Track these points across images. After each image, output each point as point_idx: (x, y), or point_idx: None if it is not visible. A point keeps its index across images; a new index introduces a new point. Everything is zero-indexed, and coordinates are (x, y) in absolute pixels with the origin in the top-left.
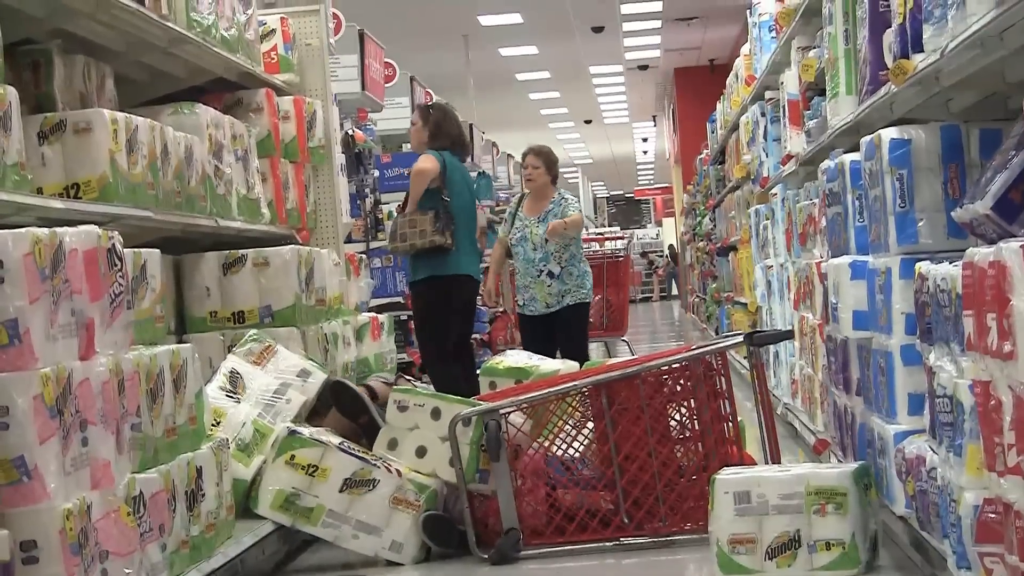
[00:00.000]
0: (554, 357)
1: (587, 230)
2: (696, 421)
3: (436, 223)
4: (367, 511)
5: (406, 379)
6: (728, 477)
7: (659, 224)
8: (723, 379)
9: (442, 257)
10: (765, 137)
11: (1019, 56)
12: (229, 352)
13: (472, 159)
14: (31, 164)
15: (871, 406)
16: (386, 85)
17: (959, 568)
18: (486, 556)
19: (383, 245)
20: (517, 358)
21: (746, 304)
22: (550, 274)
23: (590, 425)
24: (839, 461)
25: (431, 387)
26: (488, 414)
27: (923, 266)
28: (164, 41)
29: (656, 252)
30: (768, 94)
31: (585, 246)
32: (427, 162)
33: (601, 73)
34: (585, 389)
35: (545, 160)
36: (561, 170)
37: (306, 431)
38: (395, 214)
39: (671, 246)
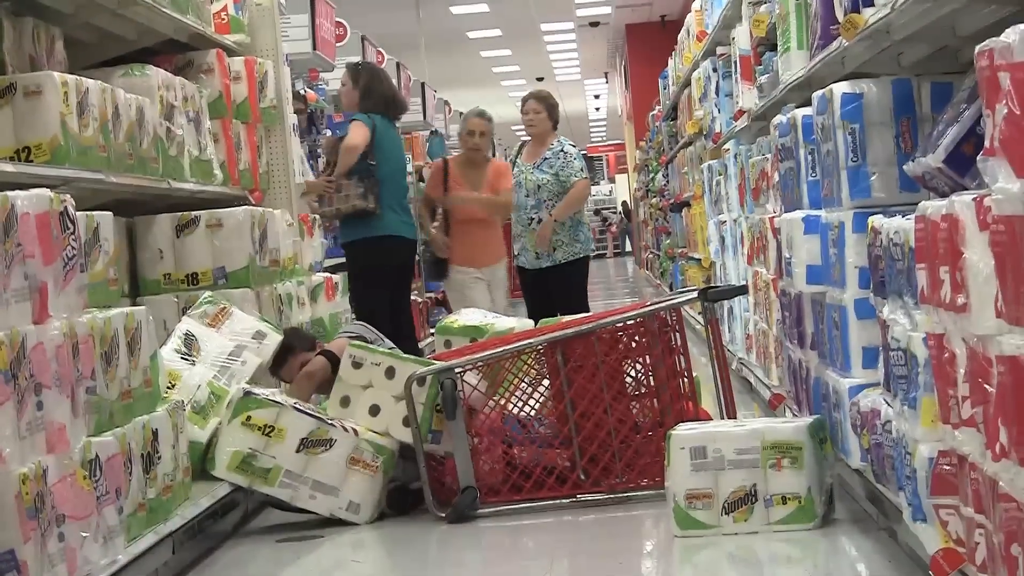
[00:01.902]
0: (551, 313)
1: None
2: (651, 377)
3: (360, 188)
4: (324, 471)
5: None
6: (684, 433)
7: (612, 181)
8: (678, 335)
9: (369, 220)
10: (717, 93)
11: (970, 9)
12: (183, 314)
13: (424, 118)
14: None
15: (825, 360)
16: (337, 45)
17: (915, 520)
18: (443, 515)
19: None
20: (472, 316)
21: (700, 260)
22: (540, 222)
23: (546, 383)
24: (794, 415)
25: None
26: (443, 373)
27: (876, 220)
28: (113, 2)
29: (609, 209)
30: (720, 50)
31: None
32: (358, 136)
33: (552, 30)
34: (540, 347)
35: (547, 105)
36: (512, 129)
37: (261, 392)
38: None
39: (624, 203)
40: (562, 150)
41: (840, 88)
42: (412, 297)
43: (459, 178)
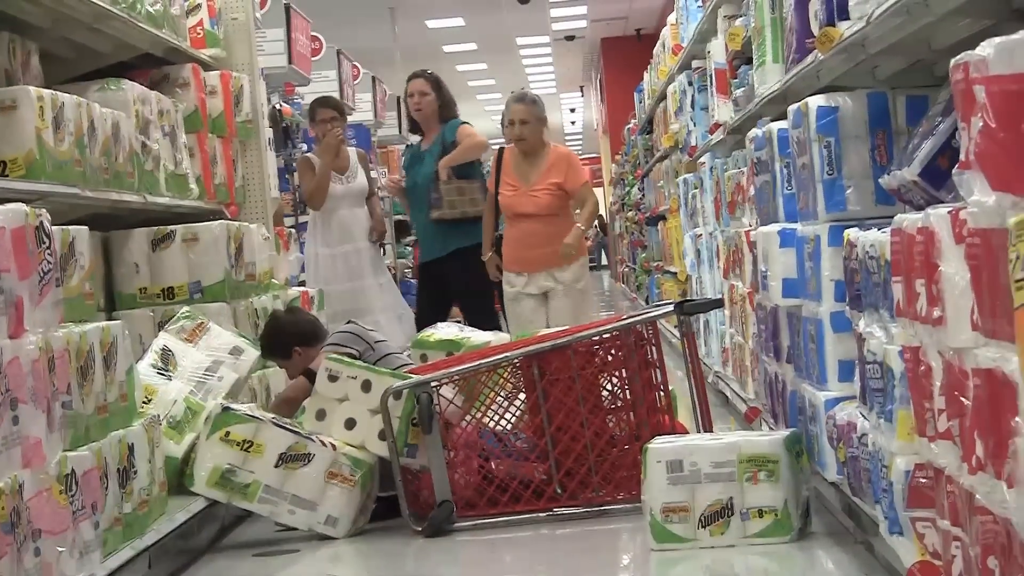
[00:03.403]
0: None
1: None
2: (628, 391)
3: (484, 192)
4: (302, 486)
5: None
6: (660, 446)
7: None
8: (654, 348)
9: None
10: (692, 106)
11: (945, 22)
12: (159, 329)
13: (400, 132)
14: None
15: (801, 373)
16: (313, 59)
17: (891, 533)
18: (420, 529)
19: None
20: (448, 331)
21: (676, 273)
22: None
23: (522, 396)
24: (771, 429)
25: None
26: (420, 387)
27: (851, 233)
28: (89, 17)
29: None
30: (695, 63)
31: None
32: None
33: (528, 44)
34: (516, 360)
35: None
36: (489, 141)
37: (240, 407)
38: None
39: (600, 216)
40: None
41: (815, 101)
42: None
43: (511, 171)
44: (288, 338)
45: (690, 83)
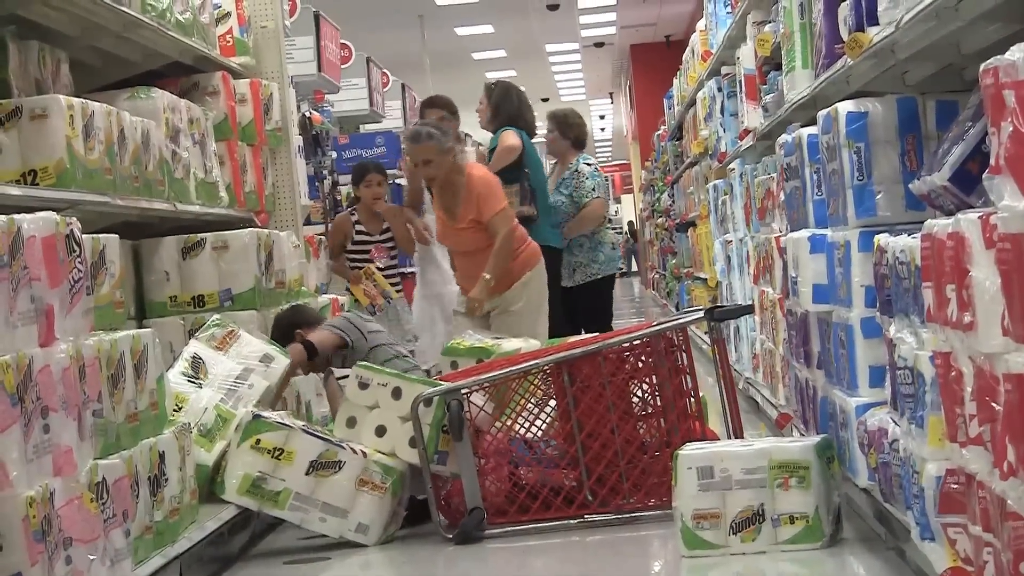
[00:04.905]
0: (576, 332)
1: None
2: (658, 397)
3: (521, 195)
4: (333, 493)
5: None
6: (691, 452)
7: (618, 201)
8: (684, 354)
9: (529, 228)
10: (722, 112)
11: (974, 27)
12: (190, 336)
13: None
14: None
15: (832, 379)
16: (342, 66)
17: (923, 539)
18: (450, 536)
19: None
20: (478, 337)
21: (706, 279)
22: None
23: (552, 403)
24: (801, 435)
25: None
26: (450, 394)
27: (882, 238)
28: (118, 25)
29: (615, 229)
30: (724, 69)
31: None
32: (514, 139)
33: (557, 51)
34: (547, 367)
35: (558, 124)
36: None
37: (270, 415)
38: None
39: (630, 223)
40: (576, 170)
41: (845, 107)
42: None
43: (437, 202)
44: (288, 325)
45: (719, 89)
